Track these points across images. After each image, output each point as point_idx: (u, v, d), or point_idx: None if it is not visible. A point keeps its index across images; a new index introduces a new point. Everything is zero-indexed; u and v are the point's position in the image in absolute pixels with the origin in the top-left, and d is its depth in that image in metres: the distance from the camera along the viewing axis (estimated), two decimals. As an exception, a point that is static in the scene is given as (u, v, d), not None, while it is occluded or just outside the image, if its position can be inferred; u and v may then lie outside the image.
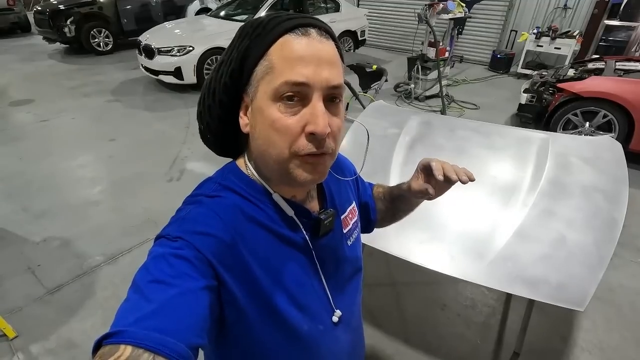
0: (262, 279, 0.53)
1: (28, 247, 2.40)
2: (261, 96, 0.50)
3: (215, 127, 0.58)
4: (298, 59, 0.47)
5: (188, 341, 0.41)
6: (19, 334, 1.82)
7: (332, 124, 0.50)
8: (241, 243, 0.52)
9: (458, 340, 1.85)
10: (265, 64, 0.49)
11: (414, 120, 2.01)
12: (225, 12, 6.04)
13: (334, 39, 0.52)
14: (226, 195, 0.55)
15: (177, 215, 0.54)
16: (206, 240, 0.49)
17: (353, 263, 0.70)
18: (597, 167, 1.61)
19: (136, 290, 0.44)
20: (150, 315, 0.40)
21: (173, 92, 5.26)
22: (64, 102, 4.80)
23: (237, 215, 0.53)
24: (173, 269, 0.45)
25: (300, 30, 0.49)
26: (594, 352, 1.79)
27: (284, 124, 0.48)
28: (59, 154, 3.56)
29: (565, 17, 6.20)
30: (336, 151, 0.54)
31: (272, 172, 0.54)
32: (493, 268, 1.28)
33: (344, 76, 0.53)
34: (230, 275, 0.50)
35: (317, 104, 0.48)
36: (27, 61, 6.65)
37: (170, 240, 0.49)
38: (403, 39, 7.81)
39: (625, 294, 2.13)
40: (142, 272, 0.46)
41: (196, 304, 0.44)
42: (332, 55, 0.50)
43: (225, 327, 0.53)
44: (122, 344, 0.37)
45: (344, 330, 0.67)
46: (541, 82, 4.03)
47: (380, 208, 0.85)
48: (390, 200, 0.83)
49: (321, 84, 0.48)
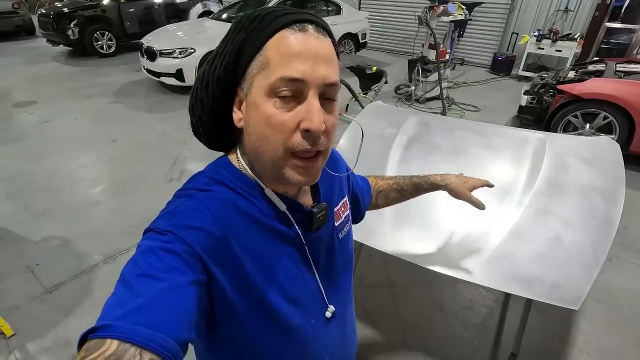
0: (254, 274, 0.53)
1: (28, 246, 2.42)
2: (256, 91, 0.49)
3: (207, 120, 0.57)
4: (294, 55, 0.47)
5: (176, 336, 0.40)
6: (16, 332, 1.83)
7: (327, 122, 0.50)
8: (232, 237, 0.51)
9: (456, 342, 1.83)
10: (261, 59, 0.48)
11: (412, 120, 2.01)
12: (227, 15, 6.08)
13: (330, 35, 0.52)
14: (217, 189, 0.54)
15: (167, 208, 0.53)
16: (196, 235, 0.48)
17: (344, 256, 0.70)
18: (595, 167, 1.60)
19: (124, 284, 0.43)
20: (138, 309, 0.40)
21: (174, 93, 5.29)
22: (66, 104, 4.84)
23: (228, 209, 0.53)
24: (162, 263, 0.45)
25: (298, 26, 0.48)
26: (592, 354, 1.77)
27: (279, 120, 0.48)
28: (60, 155, 3.58)
29: (566, 19, 6.20)
30: (329, 149, 0.54)
31: (265, 169, 0.54)
32: (488, 267, 1.28)
33: (342, 77, 0.53)
34: (220, 270, 0.50)
35: (313, 101, 0.48)
36: (31, 63, 6.71)
37: (159, 233, 0.48)
38: (404, 42, 7.82)
39: (625, 296, 2.11)
40: (130, 265, 0.45)
41: (185, 298, 0.44)
42: (329, 52, 0.50)
43: (215, 322, 0.53)
44: (109, 338, 0.37)
45: (337, 325, 0.68)
46: (541, 84, 4.02)
47: (392, 197, 0.95)
48: (414, 191, 0.95)
49: (317, 80, 0.48)
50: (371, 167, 1.70)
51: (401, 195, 0.95)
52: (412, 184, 0.94)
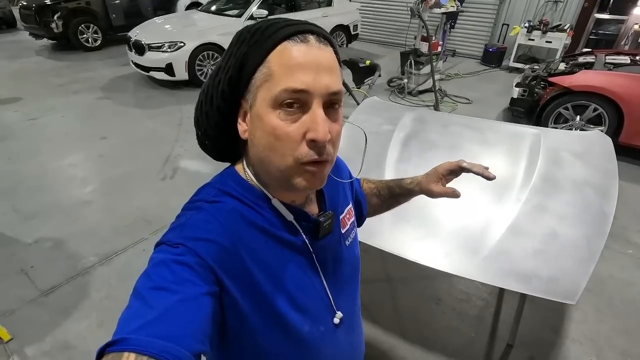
0: (263, 283, 0.54)
1: (20, 249, 2.37)
2: (260, 103, 0.50)
3: (213, 133, 0.58)
4: (297, 66, 0.47)
5: (190, 347, 0.41)
6: (13, 336, 1.81)
7: (332, 131, 0.50)
8: (241, 248, 0.52)
9: (453, 334, 1.87)
10: (264, 71, 0.49)
11: (408, 116, 2.01)
12: (217, 7, 5.95)
13: (332, 44, 0.52)
14: (226, 200, 0.55)
15: (177, 221, 0.54)
16: (207, 246, 0.49)
17: (352, 263, 0.71)
18: (588, 161, 1.64)
19: (138, 297, 0.44)
20: (153, 322, 0.41)
21: (165, 88, 5.19)
22: (52, 100, 4.71)
23: (237, 220, 0.54)
24: (174, 275, 0.45)
25: (299, 37, 0.49)
26: (585, 343, 1.83)
27: (285, 132, 0.48)
28: (48, 153, 3.50)
29: (556, 10, 6.24)
30: (335, 157, 0.54)
31: (272, 178, 0.54)
32: (486, 263, 1.30)
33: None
34: (231, 281, 0.50)
35: (318, 111, 0.48)
36: (13, 58, 6.51)
37: (171, 246, 0.49)
38: (396, 34, 7.78)
39: (615, 285, 2.17)
40: (143, 278, 0.46)
41: (198, 310, 0.44)
42: (331, 62, 0.50)
43: (227, 332, 0.54)
44: (125, 351, 0.37)
45: (345, 331, 0.68)
46: (533, 77, 4.06)
47: (374, 202, 0.88)
48: (389, 196, 0.86)
49: (321, 90, 0.48)
50: (369, 166, 1.70)
51: (380, 200, 0.88)
52: (387, 187, 0.87)
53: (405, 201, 0.87)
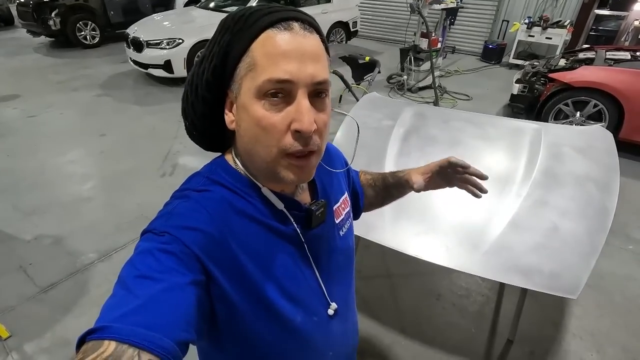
0: (253, 273, 0.53)
1: (19, 246, 2.37)
2: (245, 93, 0.49)
3: (199, 123, 0.57)
4: (281, 55, 0.46)
5: (175, 336, 0.40)
6: (12, 333, 1.80)
7: (318, 120, 0.49)
8: (230, 237, 0.51)
9: (453, 329, 1.87)
10: (248, 60, 0.48)
11: (408, 112, 2.00)
12: (215, 3, 5.93)
13: (318, 31, 0.51)
14: (215, 189, 0.54)
15: (165, 209, 0.53)
16: (193, 235, 0.48)
17: (345, 253, 0.70)
18: (589, 156, 1.63)
19: (122, 286, 0.43)
20: (136, 310, 0.40)
21: (163, 85, 5.17)
22: (51, 97, 4.70)
23: (225, 209, 0.53)
24: (159, 264, 0.44)
25: (283, 25, 0.47)
26: (585, 338, 1.83)
27: (270, 122, 0.48)
28: (48, 150, 3.49)
29: (556, 6, 6.22)
30: (323, 147, 0.53)
31: (259, 169, 0.54)
32: (488, 258, 1.30)
33: (335, 67, 0.52)
34: (219, 270, 0.50)
35: (302, 101, 0.47)
36: (11, 55, 6.48)
37: (156, 234, 0.48)
38: (395, 30, 7.76)
39: (616, 281, 2.17)
40: (128, 267, 0.45)
41: (183, 299, 0.44)
42: (316, 50, 0.49)
43: (218, 323, 0.53)
44: (106, 339, 0.37)
45: (339, 321, 0.68)
46: (533, 73, 4.04)
47: (369, 194, 0.87)
48: (383, 187, 0.86)
49: (305, 80, 0.47)
50: (369, 161, 1.69)
51: (375, 192, 0.87)
52: (382, 177, 0.87)
53: (398, 195, 0.86)
